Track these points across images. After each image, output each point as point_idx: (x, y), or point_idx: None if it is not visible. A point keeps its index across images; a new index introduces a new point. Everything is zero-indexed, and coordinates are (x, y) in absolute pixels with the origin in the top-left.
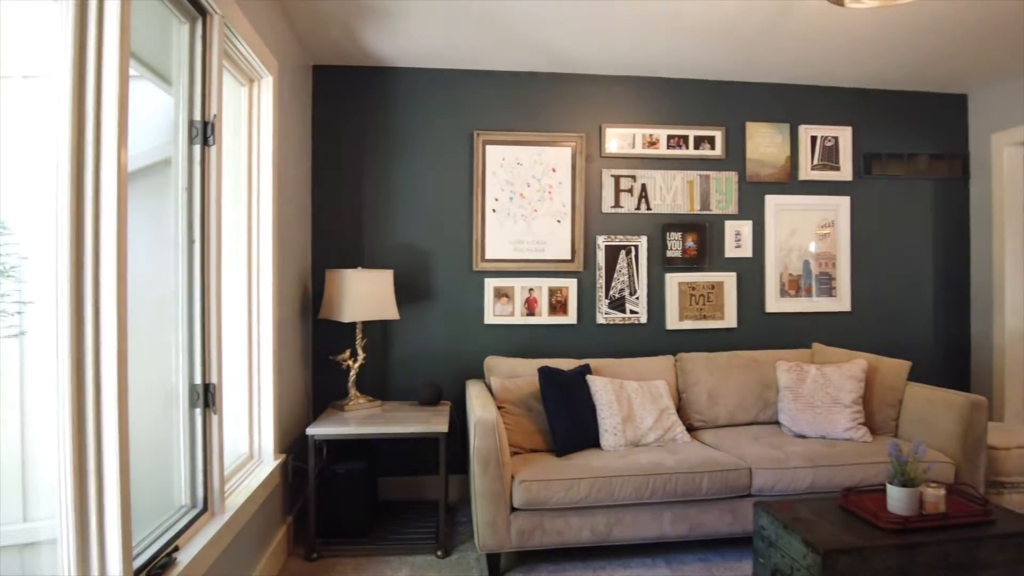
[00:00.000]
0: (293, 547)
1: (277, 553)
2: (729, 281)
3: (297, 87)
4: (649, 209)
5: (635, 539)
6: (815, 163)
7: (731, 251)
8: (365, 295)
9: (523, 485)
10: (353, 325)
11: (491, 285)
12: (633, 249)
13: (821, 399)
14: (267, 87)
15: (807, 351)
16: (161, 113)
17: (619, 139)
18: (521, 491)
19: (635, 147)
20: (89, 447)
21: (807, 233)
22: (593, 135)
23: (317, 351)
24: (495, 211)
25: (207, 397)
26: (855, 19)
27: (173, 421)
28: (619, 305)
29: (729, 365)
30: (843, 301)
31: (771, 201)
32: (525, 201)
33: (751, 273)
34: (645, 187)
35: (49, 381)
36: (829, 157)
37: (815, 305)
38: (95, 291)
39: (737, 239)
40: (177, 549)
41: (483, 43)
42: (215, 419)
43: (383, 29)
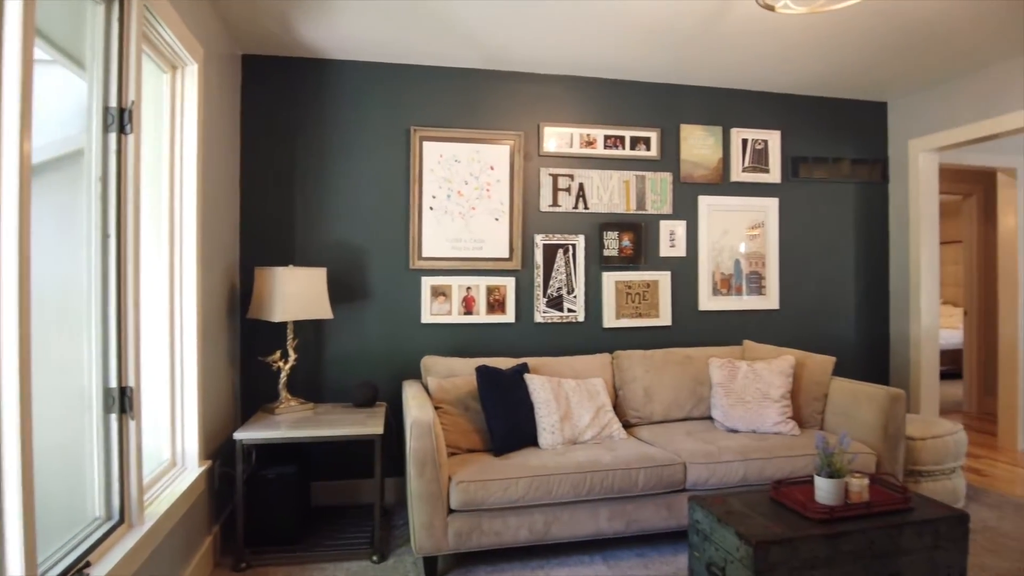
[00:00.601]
0: (220, 557)
1: (202, 564)
2: (664, 280)
3: (225, 76)
4: (587, 208)
5: (573, 537)
6: (746, 165)
7: (666, 250)
8: (297, 294)
9: (460, 486)
10: (284, 325)
11: (428, 284)
12: (571, 248)
13: (752, 394)
14: (192, 75)
15: (738, 348)
16: (74, 100)
17: (557, 138)
18: (458, 492)
19: (573, 146)
20: None
21: (738, 233)
22: (531, 134)
23: (246, 352)
24: (432, 209)
25: (123, 402)
26: (784, 26)
27: (86, 428)
28: (557, 304)
29: (664, 362)
30: (772, 299)
31: (704, 202)
32: (463, 199)
33: (685, 272)
34: (583, 186)
35: None
36: (759, 160)
37: (746, 303)
38: None
39: (672, 239)
40: (89, 565)
41: (421, 38)
42: (132, 425)
43: (318, 20)
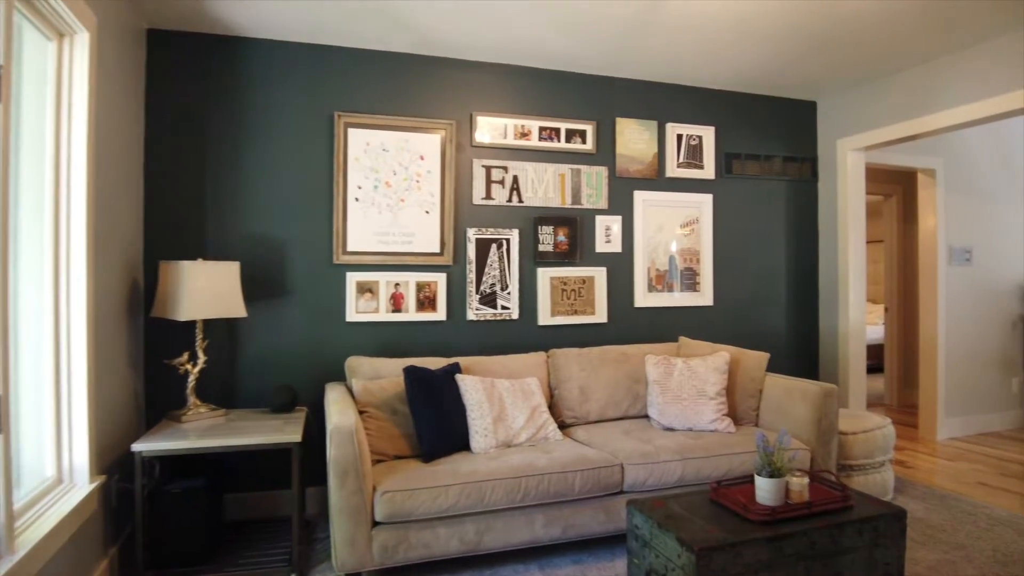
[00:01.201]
0: None
1: None
2: (600, 276)
3: (127, 50)
4: (521, 202)
5: (507, 546)
6: (681, 161)
7: (601, 246)
8: (206, 290)
9: (386, 497)
10: (193, 324)
11: (354, 279)
12: (505, 243)
13: (688, 392)
14: (82, 45)
15: (674, 345)
16: None
17: (491, 128)
18: (384, 503)
19: (507, 137)
20: None
21: (673, 229)
22: (464, 123)
23: (152, 355)
24: (358, 200)
25: None
26: (718, 20)
27: None
28: (490, 300)
29: (600, 360)
30: (706, 296)
31: (639, 197)
32: (391, 190)
33: (620, 268)
34: (517, 179)
35: None
36: (694, 155)
37: (680, 300)
38: None
39: (607, 234)
40: None
41: (346, 17)
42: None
43: None
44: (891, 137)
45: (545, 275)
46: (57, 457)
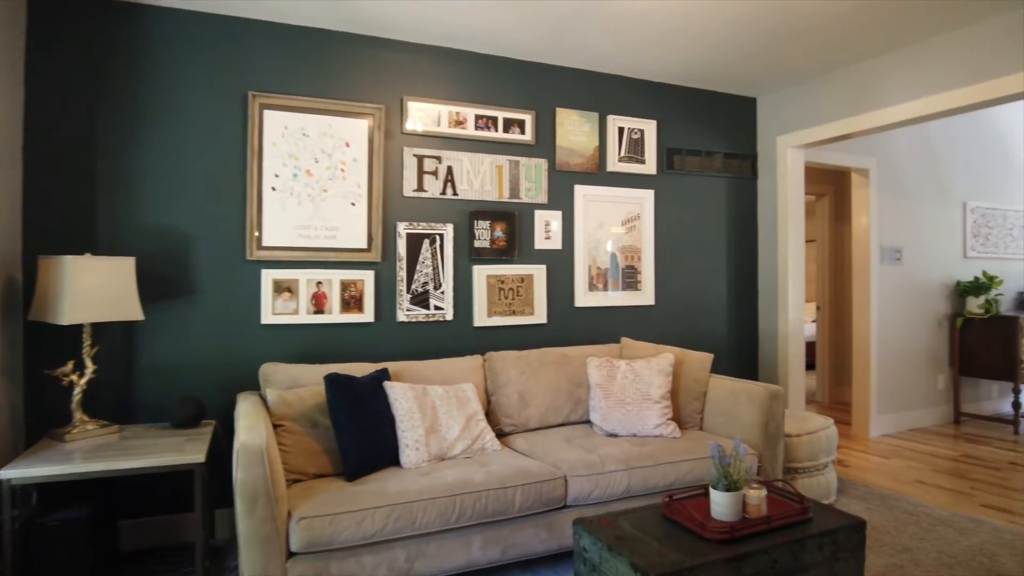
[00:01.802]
0: None
1: None
2: (539, 274)
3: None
4: (456, 195)
5: (441, 571)
6: (622, 155)
7: (541, 242)
8: (95, 289)
9: (303, 523)
10: (79, 328)
11: (270, 277)
12: (438, 238)
13: (632, 396)
14: None
15: (616, 346)
16: None
17: (423, 115)
18: (300, 531)
19: (441, 125)
20: None
21: (614, 226)
22: (394, 108)
23: (32, 364)
24: (276, 189)
25: None
26: (660, 10)
27: None
28: (422, 300)
29: (540, 363)
30: (647, 295)
31: (580, 191)
32: (313, 179)
33: (561, 266)
34: (451, 170)
35: None
36: (635, 150)
37: (622, 299)
38: None
39: (547, 230)
40: None
41: None
42: None
43: None
44: (831, 135)
45: (481, 273)
46: None
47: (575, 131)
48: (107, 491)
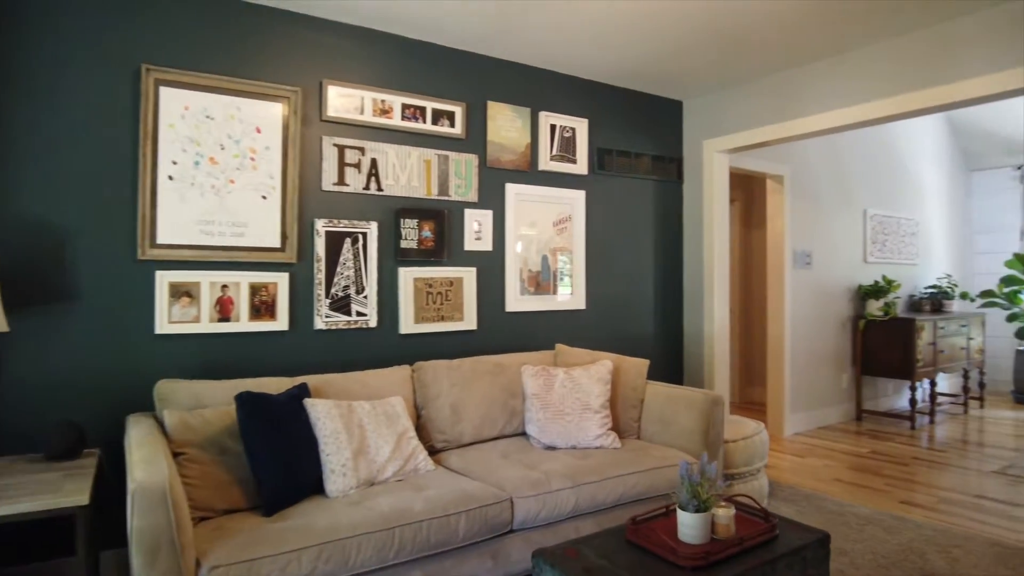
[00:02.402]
0: None
1: None
2: (469, 277)
3: None
4: (380, 190)
5: None
6: (554, 153)
7: (471, 243)
8: None
9: (216, 574)
10: None
11: (166, 280)
12: (361, 237)
13: (571, 405)
14: None
15: (550, 353)
16: None
17: (345, 101)
18: None
19: (364, 113)
20: None
21: (546, 227)
22: (312, 92)
23: None
24: (173, 179)
25: None
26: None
27: None
28: (344, 306)
29: (473, 373)
30: (579, 299)
31: (512, 190)
32: (218, 168)
33: (492, 268)
34: (376, 163)
35: None
36: (567, 148)
37: (554, 303)
38: None
39: (478, 230)
40: None
41: None
42: None
43: None
44: (756, 140)
45: (408, 276)
46: None
47: (507, 126)
48: None
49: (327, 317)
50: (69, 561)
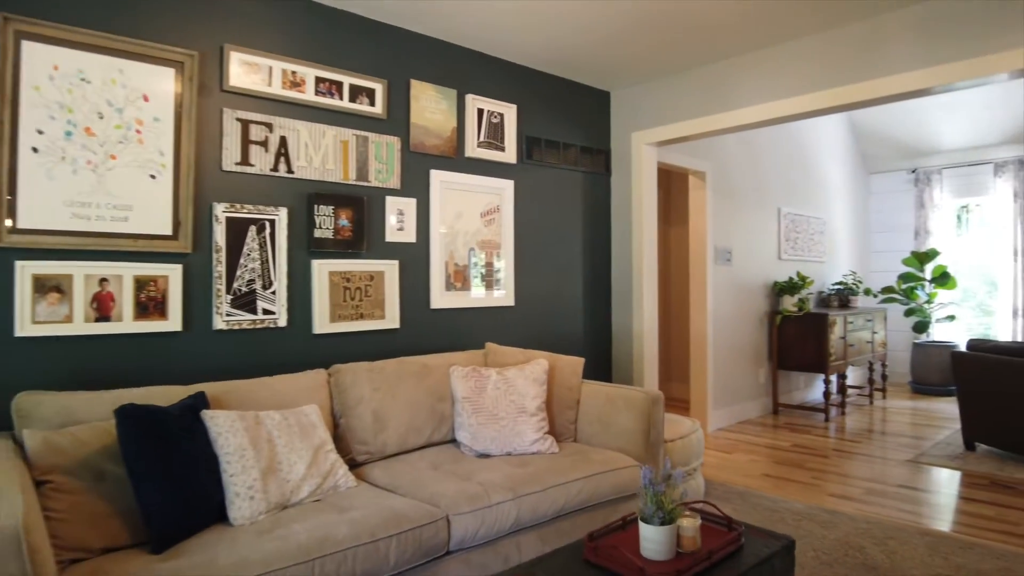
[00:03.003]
0: None
1: None
2: (391, 271)
3: None
4: (291, 172)
5: None
6: (481, 139)
7: (393, 234)
8: None
9: None
10: None
11: (28, 272)
12: (268, 225)
13: (506, 409)
14: None
15: (480, 352)
16: None
17: (250, 70)
18: None
19: (272, 85)
20: None
21: (473, 218)
22: (212, 57)
23: None
24: (38, 151)
25: None
26: None
27: None
28: (248, 303)
29: (397, 376)
30: (507, 295)
31: (437, 177)
32: (95, 140)
33: (415, 262)
34: (285, 141)
35: None
36: (495, 135)
37: (481, 299)
38: None
39: (400, 220)
40: None
41: None
42: None
43: None
44: (684, 133)
45: (323, 269)
46: None
47: (432, 108)
48: None
49: (228, 316)
50: None
